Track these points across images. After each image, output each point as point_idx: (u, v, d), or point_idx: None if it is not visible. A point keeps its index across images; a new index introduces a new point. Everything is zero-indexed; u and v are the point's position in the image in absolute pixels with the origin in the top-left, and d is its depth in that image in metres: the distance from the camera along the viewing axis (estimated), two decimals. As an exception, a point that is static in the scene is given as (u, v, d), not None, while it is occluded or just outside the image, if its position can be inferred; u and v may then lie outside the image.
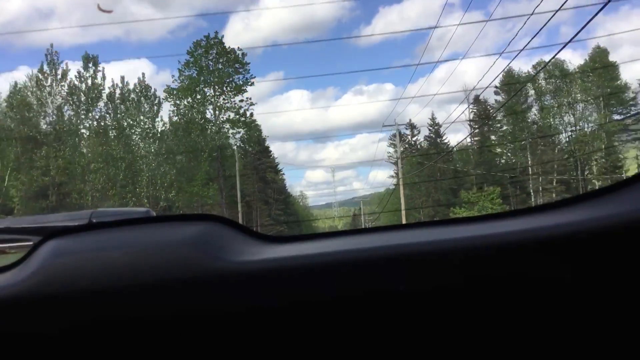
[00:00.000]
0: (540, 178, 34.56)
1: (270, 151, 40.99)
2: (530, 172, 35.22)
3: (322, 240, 0.72)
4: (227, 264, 0.65)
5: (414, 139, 45.03)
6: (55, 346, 0.63)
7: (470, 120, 38.53)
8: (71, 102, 24.43)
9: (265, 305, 0.64)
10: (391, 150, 42.78)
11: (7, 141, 23.80)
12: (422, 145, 44.39)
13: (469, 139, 39.63)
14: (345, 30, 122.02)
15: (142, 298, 0.64)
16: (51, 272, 0.65)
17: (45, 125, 24.72)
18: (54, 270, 0.65)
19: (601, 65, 33.52)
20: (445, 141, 43.05)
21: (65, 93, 24.43)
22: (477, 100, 38.25)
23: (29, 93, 24.57)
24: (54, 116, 24.46)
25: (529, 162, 35.14)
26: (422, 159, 39.27)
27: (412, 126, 43.79)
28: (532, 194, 34.99)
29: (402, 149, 38.67)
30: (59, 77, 24.36)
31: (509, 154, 38.47)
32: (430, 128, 43.26)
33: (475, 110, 39.47)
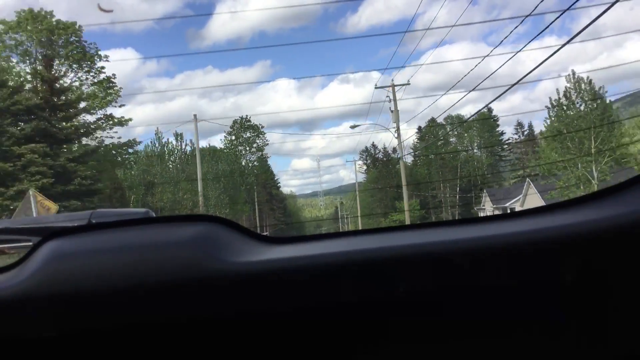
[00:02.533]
0: (448, 193, 56.22)
1: (274, 173, 62.31)
2: (440, 188, 56.98)
3: (321, 242, 0.74)
4: (226, 265, 0.66)
5: (377, 155, 65.93)
6: (55, 347, 0.64)
7: (413, 148, 59.83)
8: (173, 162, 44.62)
9: (265, 306, 0.65)
10: (360, 162, 63.65)
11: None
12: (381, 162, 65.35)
13: (410, 159, 60.91)
14: (332, 19, 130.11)
15: (142, 299, 0.65)
16: (51, 273, 0.65)
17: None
18: (54, 271, 0.66)
19: (484, 117, 55.05)
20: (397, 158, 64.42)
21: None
22: (419, 129, 59.14)
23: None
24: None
25: (441, 180, 56.80)
26: (378, 173, 60.75)
27: (372, 150, 64.86)
28: (441, 203, 56.70)
29: (366, 166, 60.19)
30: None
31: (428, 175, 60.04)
32: (385, 150, 64.44)
33: (415, 140, 60.66)
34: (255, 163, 51.58)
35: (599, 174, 25.28)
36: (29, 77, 18.75)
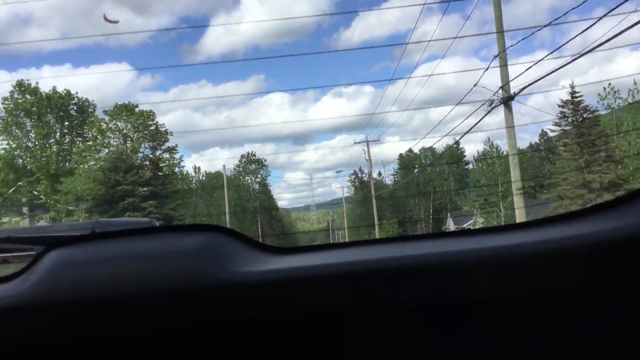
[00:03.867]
0: (422, 214, 67.74)
1: (274, 199, 73.57)
2: (415, 210, 68.47)
3: (324, 252, 0.75)
4: (230, 274, 0.66)
5: (364, 178, 77.10)
6: (58, 356, 0.65)
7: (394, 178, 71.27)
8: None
9: (269, 315, 0.66)
10: (349, 183, 74.61)
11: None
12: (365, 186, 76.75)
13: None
14: (325, 34, 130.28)
15: (146, 308, 0.65)
16: (54, 282, 0.66)
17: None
18: (57, 280, 0.66)
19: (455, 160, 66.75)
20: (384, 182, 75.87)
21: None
22: (400, 156, 70.66)
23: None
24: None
25: (417, 204, 68.36)
26: (363, 195, 72.15)
27: (359, 173, 76.23)
28: (416, 223, 68.23)
29: (354, 187, 71.59)
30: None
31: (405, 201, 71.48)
32: (367, 179, 75.91)
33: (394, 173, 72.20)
34: (258, 189, 62.83)
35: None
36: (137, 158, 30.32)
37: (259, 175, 62.44)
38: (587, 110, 26.95)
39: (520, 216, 13.55)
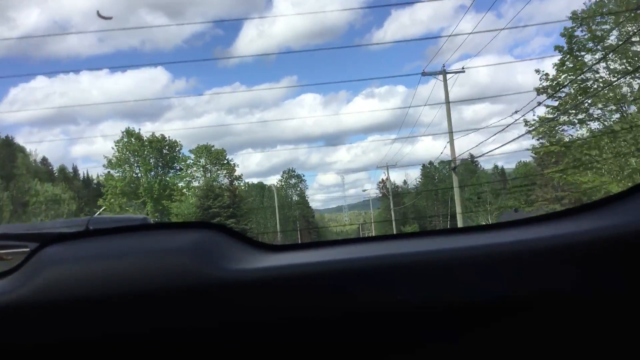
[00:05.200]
0: (441, 220, 78.13)
1: (311, 208, 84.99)
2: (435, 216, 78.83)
3: (321, 249, 0.75)
4: (226, 272, 0.66)
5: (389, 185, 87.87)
6: (52, 355, 0.64)
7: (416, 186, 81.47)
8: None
9: (265, 313, 0.66)
10: (377, 191, 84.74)
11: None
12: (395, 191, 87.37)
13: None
14: (357, 35, 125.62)
15: (141, 306, 0.65)
16: (48, 279, 0.66)
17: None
18: (51, 277, 0.66)
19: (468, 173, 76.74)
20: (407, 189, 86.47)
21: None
22: (423, 166, 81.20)
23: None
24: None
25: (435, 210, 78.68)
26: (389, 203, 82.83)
27: (385, 182, 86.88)
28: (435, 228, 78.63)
29: (383, 191, 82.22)
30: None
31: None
32: (393, 188, 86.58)
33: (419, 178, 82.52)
34: (298, 200, 74.53)
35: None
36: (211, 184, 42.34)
37: (299, 188, 74.23)
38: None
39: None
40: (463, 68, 24.70)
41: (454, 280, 0.66)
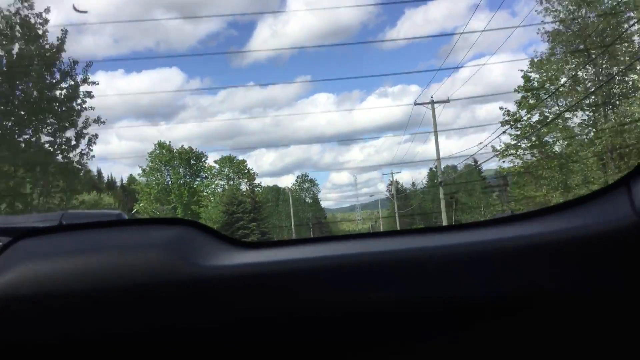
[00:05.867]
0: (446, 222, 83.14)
1: (323, 209, 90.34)
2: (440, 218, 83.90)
3: (297, 247, 0.75)
4: (198, 269, 0.66)
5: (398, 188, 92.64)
6: (23, 351, 0.63)
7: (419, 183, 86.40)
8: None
9: (237, 310, 0.65)
10: (387, 193, 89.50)
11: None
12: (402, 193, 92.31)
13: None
14: (371, 34, 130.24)
15: (114, 301, 0.64)
16: (20, 274, 0.65)
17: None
18: (23, 272, 0.65)
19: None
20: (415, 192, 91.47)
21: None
22: (430, 170, 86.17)
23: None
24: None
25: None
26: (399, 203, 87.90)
27: (397, 184, 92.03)
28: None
29: (391, 196, 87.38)
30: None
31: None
32: (401, 188, 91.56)
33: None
34: (310, 203, 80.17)
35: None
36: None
37: (311, 192, 79.82)
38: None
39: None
40: (448, 98, 29.96)
41: (431, 278, 0.66)
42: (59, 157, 13.60)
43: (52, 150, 13.30)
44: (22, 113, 12.40)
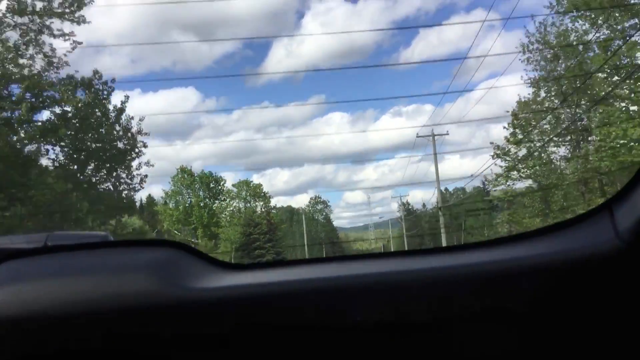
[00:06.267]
0: (454, 241, 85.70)
1: (336, 229, 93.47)
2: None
3: (284, 269, 0.75)
4: (185, 291, 0.65)
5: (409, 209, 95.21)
6: None
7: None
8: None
9: (223, 332, 0.65)
10: (398, 214, 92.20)
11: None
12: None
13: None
14: (385, 54, 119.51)
15: (99, 324, 0.63)
16: (4, 296, 0.64)
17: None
18: (8, 293, 0.65)
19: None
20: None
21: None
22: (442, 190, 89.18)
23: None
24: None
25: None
26: (410, 223, 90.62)
27: (407, 205, 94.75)
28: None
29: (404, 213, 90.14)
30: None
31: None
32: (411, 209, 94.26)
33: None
34: (323, 223, 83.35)
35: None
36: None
37: (324, 213, 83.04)
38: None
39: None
40: (447, 132, 33.32)
41: (413, 300, 0.67)
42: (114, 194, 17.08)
43: (111, 189, 16.84)
44: (96, 163, 16.06)
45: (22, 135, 14.31)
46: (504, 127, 27.69)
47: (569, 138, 25.99)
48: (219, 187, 54.88)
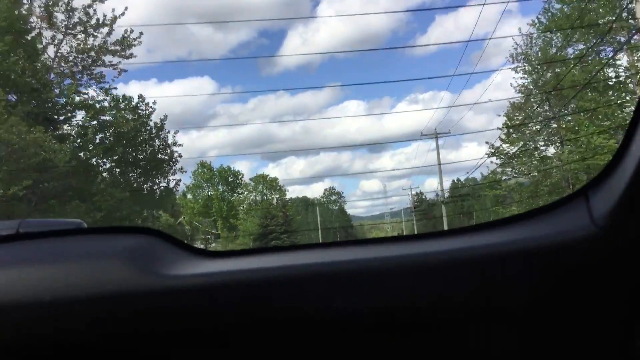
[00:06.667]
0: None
1: (350, 217, 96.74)
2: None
3: (259, 256, 0.75)
4: (159, 278, 0.65)
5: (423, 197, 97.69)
6: None
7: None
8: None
9: (198, 319, 0.65)
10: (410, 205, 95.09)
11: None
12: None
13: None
14: (401, 41, 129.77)
15: (73, 312, 0.63)
16: None
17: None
18: None
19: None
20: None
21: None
22: (453, 181, 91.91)
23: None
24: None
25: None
26: (422, 213, 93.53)
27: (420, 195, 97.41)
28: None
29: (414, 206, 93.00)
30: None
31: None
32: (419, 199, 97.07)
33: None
34: (337, 212, 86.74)
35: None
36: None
37: (338, 204, 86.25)
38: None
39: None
40: (449, 130, 36.11)
41: (388, 287, 0.67)
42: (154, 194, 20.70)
43: (151, 192, 20.47)
44: (141, 171, 19.68)
45: (88, 154, 17.89)
46: (498, 128, 30.53)
47: (555, 140, 28.65)
48: (237, 181, 58.33)
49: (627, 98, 20.19)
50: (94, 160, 18.05)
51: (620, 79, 20.67)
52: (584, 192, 0.74)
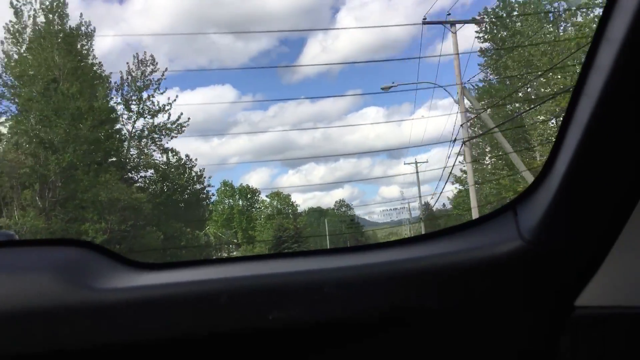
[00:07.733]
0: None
1: (361, 226, 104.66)
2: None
3: (198, 268, 0.74)
4: (92, 292, 0.63)
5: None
6: None
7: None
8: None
9: (132, 334, 0.63)
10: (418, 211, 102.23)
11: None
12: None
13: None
14: (421, 47, 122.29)
15: (1, 326, 0.61)
16: None
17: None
18: None
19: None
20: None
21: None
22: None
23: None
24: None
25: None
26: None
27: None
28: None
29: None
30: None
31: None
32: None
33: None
34: (348, 224, 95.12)
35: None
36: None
37: (348, 214, 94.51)
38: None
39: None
40: (427, 160, 43.99)
41: (324, 299, 0.68)
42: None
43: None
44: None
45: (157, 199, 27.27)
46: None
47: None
48: (255, 197, 67.32)
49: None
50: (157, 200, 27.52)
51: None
52: (512, 205, 0.77)
